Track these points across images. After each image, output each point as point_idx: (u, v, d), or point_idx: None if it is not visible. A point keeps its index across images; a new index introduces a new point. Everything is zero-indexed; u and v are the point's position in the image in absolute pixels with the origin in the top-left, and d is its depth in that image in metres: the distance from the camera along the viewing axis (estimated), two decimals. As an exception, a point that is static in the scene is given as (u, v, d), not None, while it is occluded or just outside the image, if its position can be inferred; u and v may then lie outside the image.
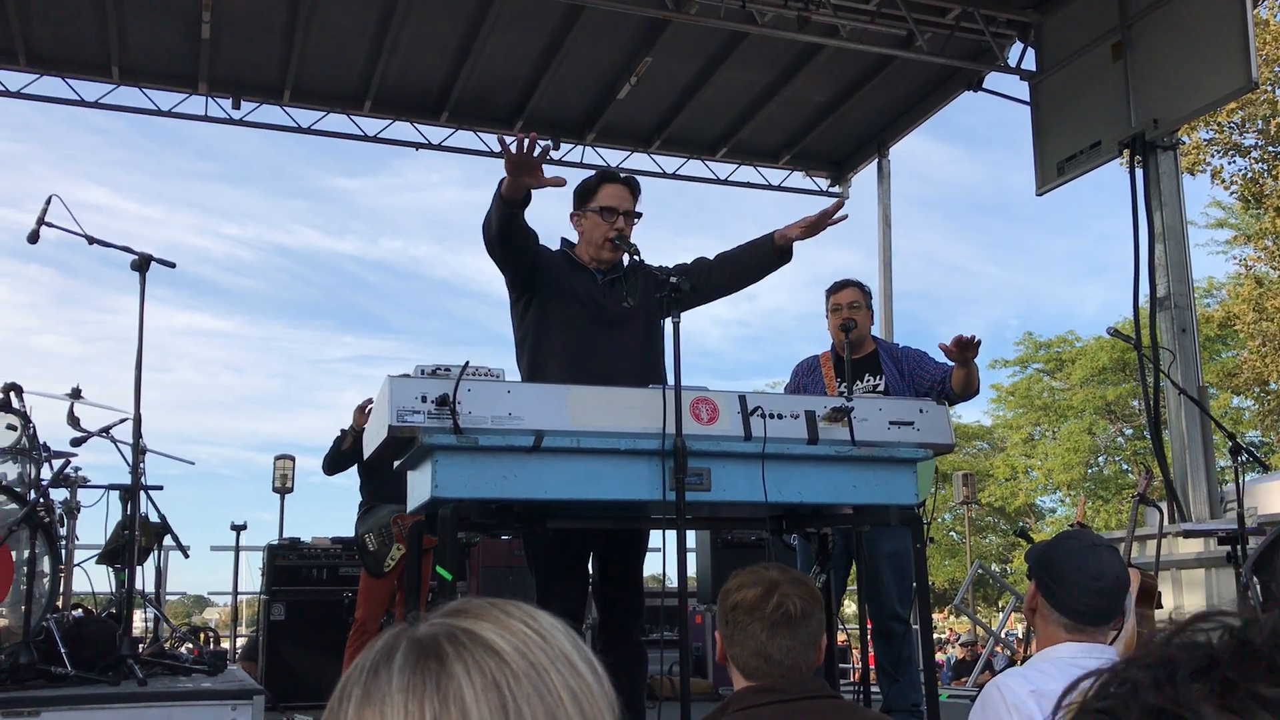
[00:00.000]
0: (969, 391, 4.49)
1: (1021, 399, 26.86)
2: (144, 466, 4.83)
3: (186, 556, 6.10)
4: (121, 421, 5.17)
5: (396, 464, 3.17)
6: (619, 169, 8.22)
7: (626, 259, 3.56)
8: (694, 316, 3.93)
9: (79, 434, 5.16)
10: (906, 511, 3.35)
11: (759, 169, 9.86)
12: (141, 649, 4.95)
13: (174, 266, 4.62)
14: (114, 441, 5.24)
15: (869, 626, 4.24)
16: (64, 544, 4.90)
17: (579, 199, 3.72)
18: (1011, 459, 27.07)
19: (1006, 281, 48.17)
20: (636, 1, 7.15)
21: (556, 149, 9.20)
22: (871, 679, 4.57)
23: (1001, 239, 50.75)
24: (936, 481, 5.00)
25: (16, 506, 4.38)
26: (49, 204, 4.51)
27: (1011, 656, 9.76)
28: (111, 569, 5.66)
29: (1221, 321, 20.53)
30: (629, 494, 3.02)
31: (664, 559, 3.94)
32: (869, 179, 9.61)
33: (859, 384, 4.63)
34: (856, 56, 8.03)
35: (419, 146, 9.03)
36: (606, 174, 3.83)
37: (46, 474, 4.78)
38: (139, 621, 6.34)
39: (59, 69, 8.03)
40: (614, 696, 0.76)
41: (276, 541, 7.30)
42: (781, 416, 3.15)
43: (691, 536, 7.34)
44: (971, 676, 9.06)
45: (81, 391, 5.24)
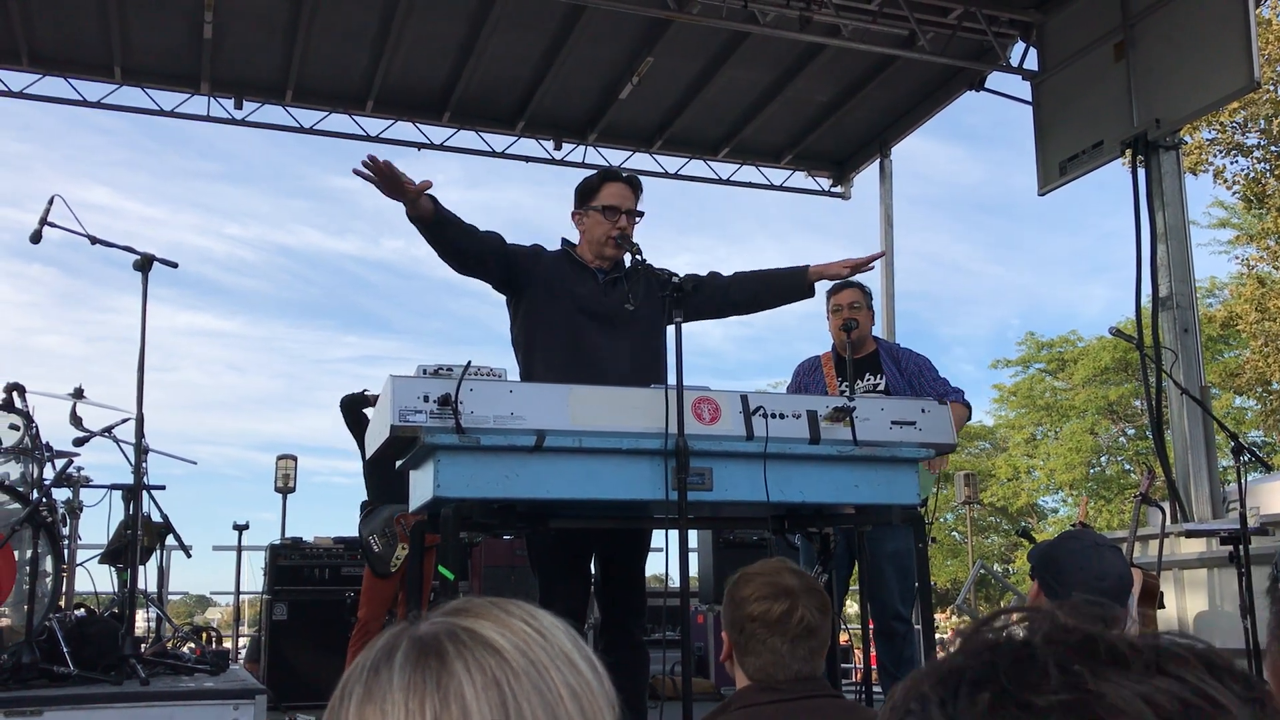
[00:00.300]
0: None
1: (1023, 399, 26.83)
2: (146, 466, 4.84)
3: (189, 556, 6.12)
4: (124, 421, 5.18)
5: (399, 464, 3.17)
6: (621, 168, 8.22)
7: (629, 258, 3.56)
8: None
9: (81, 434, 5.16)
10: (908, 511, 3.35)
11: (761, 169, 9.85)
12: (144, 649, 4.96)
13: (176, 266, 4.63)
14: (116, 441, 5.25)
15: (871, 626, 4.24)
16: (66, 544, 4.90)
17: (581, 198, 3.72)
18: (1013, 459, 27.03)
19: (1008, 281, 48.14)
20: (638, 1, 7.15)
21: (559, 149, 9.21)
22: (873, 678, 4.57)
23: (1003, 239, 50.73)
24: (938, 481, 5.00)
25: (19, 506, 4.39)
26: (51, 204, 4.52)
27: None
28: (114, 569, 5.68)
29: (1224, 321, 20.48)
30: (631, 494, 3.02)
31: (666, 559, 3.94)
32: (871, 179, 9.60)
33: (860, 384, 4.63)
34: (858, 56, 8.03)
35: (421, 147, 9.02)
36: (608, 173, 3.84)
37: (49, 474, 4.79)
38: (141, 621, 6.35)
39: (61, 69, 8.03)
40: (614, 695, 0.76)
41: (279, 541, 7.31)
42: (783, 416, 3.15)
43: (693, 536, 7.34)
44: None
45: (84, 391, 5.24)
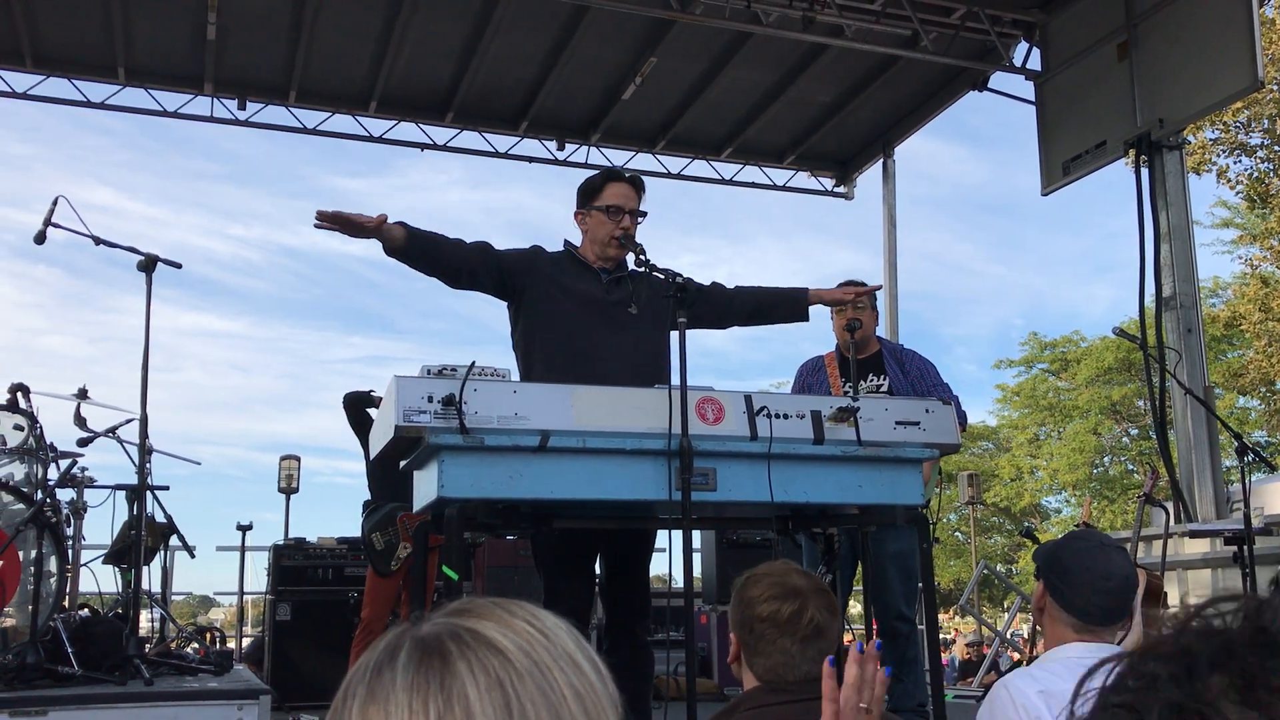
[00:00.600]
0: None
1: (1027, 399, 26.81)
2: (150, 467, 4.85)
3: (192, 556, 6.11)
4: (128, 422, 5.19)
5: (403, 464, 3.17)
6: (624, 168, 8.22)
7: (631, 258, 3.55)
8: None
9: (85, 434, 5.17)
10: (912, 511, 3.35)
11: (764, 169, 9.85)
12: (148, 649, 4.96)
13: (180, 267, 4.63)
14: (120, 442, 5.26)
15: (874, 626, 4.24)
16: (70, 544, 4.90)
17: (584, 197, 3.71)
18: (1017, 459, 27.01)
19: (1012, 281, 48.12)
20: (642, 2, 7.15)
21: (562, 149, 9.21)
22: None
23: (1007, 239, 50.71)
24: (941, 481, 4.99)
25: (23, 506, 4.39)
26: (55, 205, 4.53)
27: (1018, 658, 9.74)
28: (118, 569, 5.69)
29: (1227, 321, 20.45)
30: (635, 494, 3.02)
31: (669, 559, 3.93)
32: (874, 179, 9.60)
33: (863, 384, 4.63)
34: (861, 56, 8.02)
35: (424, 147, 9.03)
36: (611, 172, 3.83)
37: (53, 474, 4.79)
38: (145, 621, 6.35)
39: (65, 70, 8.04)
40: (617, 695, 0.76)
41: (282, 541, 7.31)
42: (787, 416, 3.15)
43: (697, 536, 7.35)
44: (977, 677, 9.04)
45: (88, 392, 5.25)
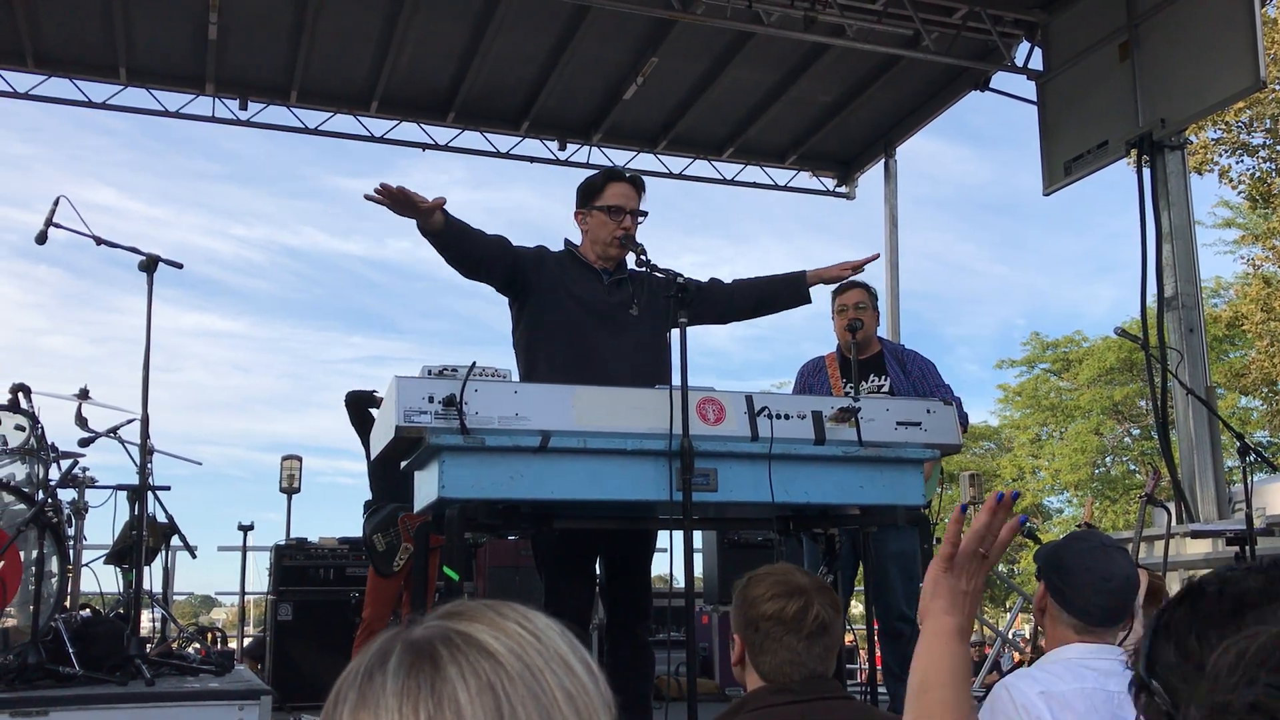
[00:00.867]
0: None
1: (1028, 399, 26.77)
2: (151, 467, 4.85)
3: (194, 557, 6.11)
4: (129, 422, 5.19)
5: (404, 464, 3.16)
6: (624, 168, 8.22)
7: (632, 258, 3.55)
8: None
9: (87, 434, 5.17)
10: (913, 512, 3.35)
11: (765, 169, 9.84)
12: (149, 649, 4.96)
13: (181, 267, 4.63)
14: (122, 442, 5.26)
15: (876, 627, 4.24)
16: (72, 544, 4.90)
17: (584, 197, 3.71)
18: (1018, 459, 26.98)
19: (1014, 281, 48.10)
20: (643, 2, 7.15)
21: (563, 149, 9.21)
22: (878, 679, 4.56)
23: (1009, 238, 50.70)
24: (942, 481, 4.99)
25: (25, 507, 4.39)
26: (57, 205, 4.53)
27: (1020, 659, 9.72)
28: (119, 569, 5.69)
29: (1229, 321, 20.43)
30: (636, 494, 3.01)
31: (670, 559, 3.94)
32: (876, 179, 9.60)
33: (864, 384, 4.63)
34: (863, 56, 8.02)
35: (425, 147, 9.03)
36: (612, 172, 3.82)
37: (54, 474, 4.79)
38: (146, 621, 6.36)
39: (66, 70, 8.04)
40: (610, 697, 0.75)
41: (284, 542, 7.30)
42: (788, 417, 3.14)
43: (698, 537, 7.34)
44: (978, 677, 9.03)
45: (89, 392, 5.25)
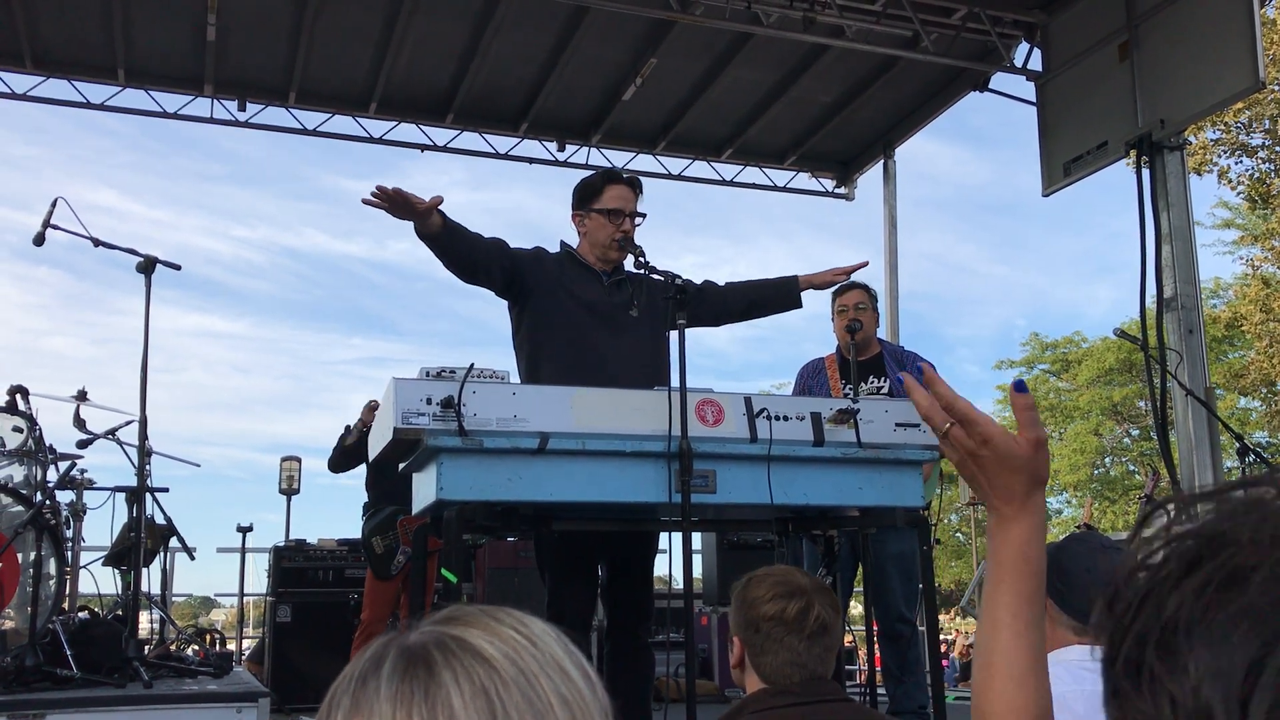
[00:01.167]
0: None
1: (1028, 400, 26.76)
2: (150, 468, 4.84)
3: (192, 558, 6.11)
4: (127, 424, 5.18)
5: (402, 466, 3.16)
6: (622, 169, 8.22)
7: (631, 260, 3.54)
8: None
9: (85, 436, 5.17)
10: (913, 513, 3.35)
11: (765, 170, 9.84)
12: (147, 651, 4.95)
13: (179, 269, 4.63)
14: (120, 444, 5.26)
15: (875, 628, 4.24)
16: (70, 546, 4.90)
17: (582, 199, 3.69)
18: (1018, 460, 26.95)
19: (1013, 282, 48.16)
20: (642, 3, 7.14)
21: (562, 150, 9.20)
22: (877, 680, 4.56)
23: (1008, 239, 50.76)
24: (942, 483, 4.99)
25: (23, 509, 4.39)
26: (54, 206, 4.52)
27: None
28: (117, 571, 5.68)
29: (1228, 322, 20.44)
30: (634, 496, 3.01)
31: (670, 561, 3.93)
32: (875, 180, 9.58)
33: (864, 386, 4.63)
34: (862, 57, 8.01)
35: (425, 148, 9.02)
36: (610, 174, 3.81)
37: (53, 476, 4.79)
38: (145, 623, 6.35)
39: (65, 71, 8.03)
40: (607, 703, 0.75)
41: (283, 543, 7.30)
42: (787, 418, 3.14)
43: (697, 538, 7.34)
44: (974, 679, 9.03)
45: (87, 394, 5.24)
